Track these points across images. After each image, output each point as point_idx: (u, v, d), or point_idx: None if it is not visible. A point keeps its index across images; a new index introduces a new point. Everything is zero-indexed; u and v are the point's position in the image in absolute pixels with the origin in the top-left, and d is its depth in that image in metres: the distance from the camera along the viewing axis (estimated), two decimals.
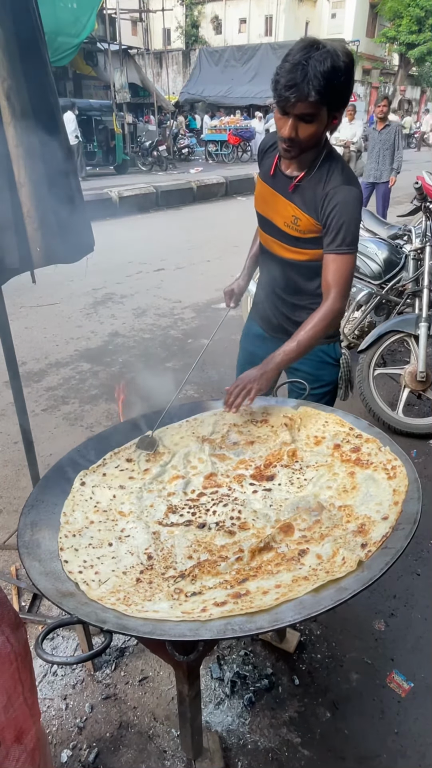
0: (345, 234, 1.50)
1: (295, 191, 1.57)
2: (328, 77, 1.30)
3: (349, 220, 1.50)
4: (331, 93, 1.34)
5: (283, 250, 1.68)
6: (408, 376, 3.00)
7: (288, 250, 1.66)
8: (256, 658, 1.79)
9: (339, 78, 1.33)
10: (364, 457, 1.36)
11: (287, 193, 1.59)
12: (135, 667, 1.77)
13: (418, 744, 1.56)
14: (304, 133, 1.42)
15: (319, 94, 1.31)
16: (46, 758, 1.16)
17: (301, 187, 1.56)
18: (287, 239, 1.64)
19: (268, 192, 1.66)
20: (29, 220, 1.24)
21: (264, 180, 1.68)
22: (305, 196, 1.55)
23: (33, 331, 4.59)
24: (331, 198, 1.50)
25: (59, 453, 1.50)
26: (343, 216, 1.49)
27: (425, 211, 3.13)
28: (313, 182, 1.54)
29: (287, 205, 1.59)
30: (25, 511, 1.24)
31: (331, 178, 1.52)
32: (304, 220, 1.57)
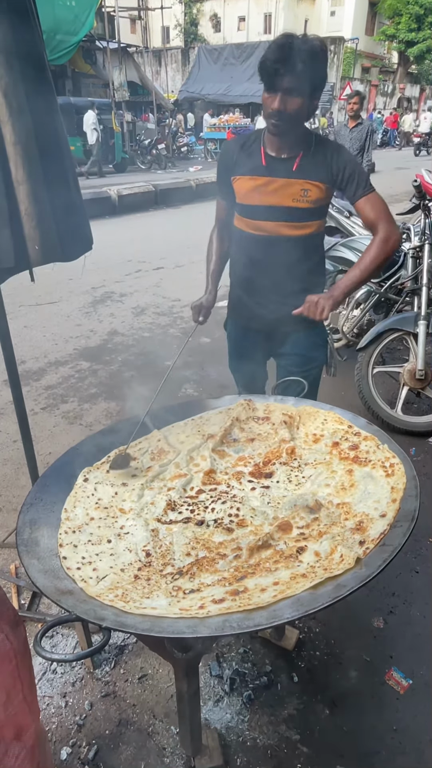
0: (363, 178, 1.71)
1: (299, 168, 1.72)
2: (309, 56, 1.50)
3: (357, 166, 1.73)
4: (312, 71, 1.52)
5: (290, 229, 1.78)
6: (407, 374, 3.00)
7: (295, 226, 1.77)
8: (255, 656, 1.79)
9: (317, 59, 1.53)
10: (362, 455, 1.36)
11: (291, 173, 1.72)
12: (134, 664, 1.77)
13: (417, 741, 1.56)
14: (291, 106, 1.58)
15: (303, 65, 1.49)
16: (45, 755, 1.16)
17: (304, 162, 1.72)
18: (296, 215, 1.75)
19: (264, 182, 1.75)
20: (27, 219, 1.24)
21: (255, 174, 1.77)
22: (313, 168, 1.71)
23: (32, 330, 4.59)
24: (339, 158, 1.71)
25: (58, 452, 1.50)
26: (354, 167, 1.71)
27: (424, 209, 3.12)
28: (313, 157, 1.72)
29: (293, 182, 1.72)
30: (24, 510, 1.25)
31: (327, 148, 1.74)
32: (314, 190, 1.72)
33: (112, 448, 1.53)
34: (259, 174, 1.76)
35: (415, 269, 3.18)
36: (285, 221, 1.77)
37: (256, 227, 1.82)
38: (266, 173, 1.75)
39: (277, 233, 1.80)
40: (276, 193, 1.75)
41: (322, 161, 1.71)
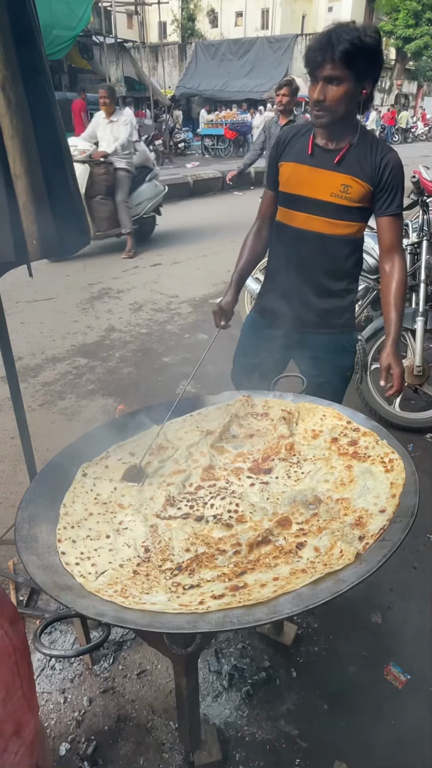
0: (400, 196, 1.66)
1: (343, 162, 1.65)
2: (353, 42, 1.44)
3: (402, 184, 1.66)
4: (356, 58, 1.47)
5: (326, 226, 1.72)
6: (405, 370, 3.00)
7: (332, 224, 1.71)
8: (253, 651, 1.79)
9: (364, 47, 1.46)
10: (361, 451, 1.36)
11: (333, 166, 1.66)
12: (133, 660, 1.77)
13: (415, 735, 1.57)
14: (331, 96, 1.53)
15: (342, 54, 1.45)
16: (44, 751, 1.16)
17: (349, 156, 1.65)
18: (333, 212, 1.69)
19: (306, 171, 1.71)
20: (25, 213, 1.23)
21: (299, 161, 1.73)
22: (357, 164, 1.64)
23: (29, 326, 4.57)
24: (387, 162, 1.63)
25: (56, 448, 1.49)
26: (398, 179, 1.64)
27: (422, 205, 3.12)
28: (361, 151, 1.64)
29: (334, 176, 1.66)
30: (23, 506, 1.24)
31: (380, 146, 1.66)
32: (355, 187, 1.65)
33: (110, 444, 1.53)
34: (302, 161, 1.72)
35: (412, 266, 3.18)
36: (319, 215, 1.71)
37: (290, 217, 1.78)
38: (310, 162, 1.70)
39: (310, 227, 1.74)
40: (316, 184, 1.69)
41: (371, 159, 1.64)
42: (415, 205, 3.25)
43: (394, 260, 1.71)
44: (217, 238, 7.25)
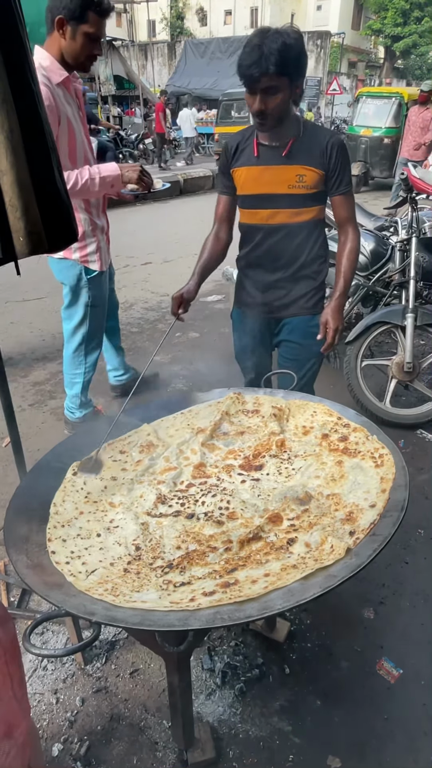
0: (346, 175, 1.79)
1: (291, 154, 1.75)
2: (282, 51, 1.52)
3: (348, 164, 1.79)
4: (287, 65, 1.55)
5: (290, 216, 1.82)
6: (395, 366, 3.02)
7: (295, 213, 1.81)
8: (246, 649, 1.79)
9: (291, 51, 1.55)
10: (351, 446, 1.36)
11: (283, 160, 1.76)
12: (126, 659, 1.76)
13: (407, 729, 1.57)
14: (271, 105, 1.62)
15: (276, 66, 1.52)
16: (36, 752, 1.15)
17: (296, 148, 1.74)
18: (294, 201, 1.79)
19: (258, 171, 1.81)
20: (12, 209, 1.22)
21: (250, 164, 1.82)
22: (306, 153, 1.74)
23: (19, 326, 4.54)
24: (333, 144, 1.74)
25: (46, 448, 1.48)
26: (345, 159, 1.77)
27: (411, 202, 3.13)
28: (306, 140, 1.75)
29: (287, 169, 1.76)
30: (12, 506, 1.23)
31: (322, 132, 1.80)
32: (309, 174, 1.75)
33: (100, 443, 1.52)
34: (253, 164, 1.80)
35: (402, 262, 3.19)
36: (282, 208, 1.81)
37: (255, 217, 1.87)
38: (260, 162, 1.79)
39: (276, 221, 1.84)
40: (271, 181, 1.78)
41: (317, 146, 1.74)
42: (404, 202, 3.27)
43: (348, 232, 1.87)
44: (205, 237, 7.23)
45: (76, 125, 2.19)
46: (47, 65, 2.07)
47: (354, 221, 1.87)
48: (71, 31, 2.04)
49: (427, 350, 3.18)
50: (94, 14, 2.01)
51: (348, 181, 1.80)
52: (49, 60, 2.09)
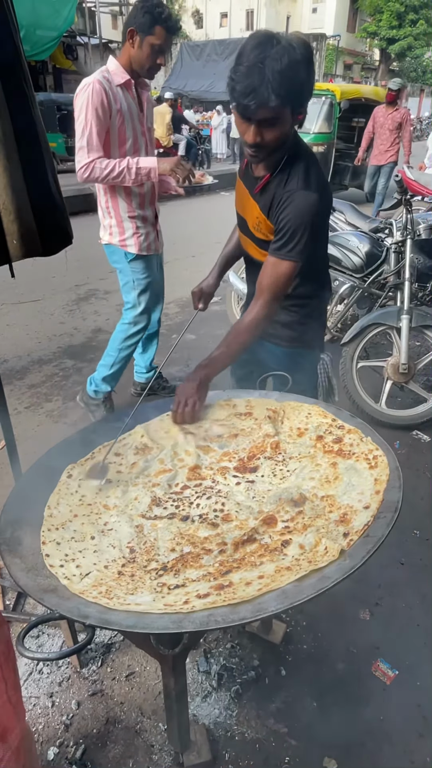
0: (292, 241, 1.45)
1: (261, 193, 1.53)
2: (288, 76, 1.22)
3: (298, 227, 1.44)
4: (293, 91, 1.26)
5: (256, 252, 1.67)
6: (390, 368, 3.03)
7: (259, 252, 1.64)
8: (242, 651, 1.79)
9: (299, 74, 1.25)
10: (346, 448, 1.36)
11: (254, 194, 1.55)
12: (121, 662, 1.76)
13: (403, 730, 1.58)
14: (269, 137, 1.35)
15: (279, 97, 1.23)
16: (31, 756, 1.15)
17: (266, 188, 1.51)
18: (257, 241, 1.62)
19: (242, 190, 1.63)
20: (5, 212, 1.22)
21: (239, 177, 1.66)
22: (266, 198, 1.51)
23: (14, 328, 4.53)
24: (285, 202, 1.44)
25: (42, 451, 1.48)
26: (293, 222, 1.43)
27: (406, 204, 3.15)
28: (275, 183, 1.48)
29: (254, 206, 1.56)
30: (7, 509, 1.23)
31: (290, 180, 1.45)
32: (264, 224, 1.54)
33: (96, 445, 1.52)
34: (241, 179, 1.64)
35: (397, 264, 3.20)
36: (251, 242, 1.65)
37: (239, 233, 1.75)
38: (244, 182, 1.61)
39: (248, 250, 1.70)
40: (246, 209, 1.62)
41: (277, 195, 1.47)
42: (399, 204, 3.28)
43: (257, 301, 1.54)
44: (204, 239, 7.24)
45: (130, 121, 2.45)
46: (112, 69, 2.41)
47: (272, 293, 1.51)
48: (139, 41, 2.32)
49: (422, 351, 3.19)
50: (161, 28, 2.28)
51: (289, 247, 1.46)
52: (115, 65, 2.42)
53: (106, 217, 2.69)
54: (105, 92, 2.32)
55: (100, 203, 2.68)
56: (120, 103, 2.39)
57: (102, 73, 2.37)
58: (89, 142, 2.31)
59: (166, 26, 2.28)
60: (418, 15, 26.96)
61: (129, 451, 1.48)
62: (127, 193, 2.59)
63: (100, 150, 2.34)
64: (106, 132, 2.37)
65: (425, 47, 29.32)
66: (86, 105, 2.30)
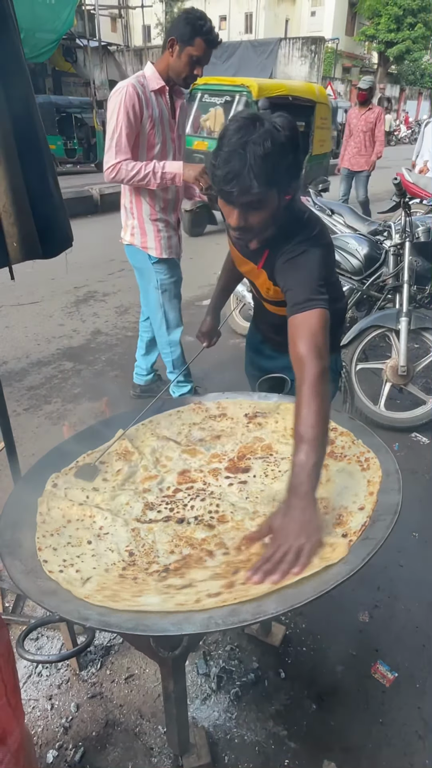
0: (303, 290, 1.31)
1: (265, 267, 1.50)
2: (271, 160, 1.17)
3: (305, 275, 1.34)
4: (277, 175, 1.20)
5: (269, 305, 1.69)
6: (389, 370, 3.03)
7: (273, 306, 1.66)
8: (242, 653, 1.79)
9: (284, 157, 1.20)
10: (337, 450, 1.37)
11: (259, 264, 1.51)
12: (121, 665, 1.76)
13: (403, 733, 1.58)
14: (254, 220, 1.27)
15: (262, 182, 1.17)
16: (30, 759, 1.15)
17: (268, 262, 1.47)
18: (269, 299, 1.64)
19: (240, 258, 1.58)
20: (5, 215, 1.23)
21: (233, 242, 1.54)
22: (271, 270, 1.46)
23: (13, 330, 4.53)
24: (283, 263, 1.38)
25: (41, 453, 1.48)
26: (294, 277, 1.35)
27: (404, 207, 3.16)
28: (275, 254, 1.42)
29: (260, 274, 1.54)
30: (6, 511, 1.23)
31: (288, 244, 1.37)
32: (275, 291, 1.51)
33: (93, 448, 1.52)
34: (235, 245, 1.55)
35: (396, 266, 3.21)
36: (263, 299, 1.69)
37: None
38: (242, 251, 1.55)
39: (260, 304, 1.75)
40: (249, 271, 1.62)
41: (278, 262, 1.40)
42: (398, 207, 3.29)
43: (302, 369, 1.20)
44: (202, 241, 7.26)
45: (160, 126, 2.49)
46: (149, 74, 2.46)
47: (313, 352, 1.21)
48: (179, 50, 2.36)
49: (421, 354, 3.19)
50: (201, 41, 2.32)
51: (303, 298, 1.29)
52: (152, 71, 2.46)
53: (129, 217, 2.73)
54: (138, 97, 2.36)
55: (123, 204, 2.73)
56: (152, 109, 2.44)
57: (138, 77, 2.42)
58: (118, 144, 2.36)
59: (207, 39, 2.33)
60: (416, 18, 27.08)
61: (112, 457, 1.47)
62: (151, 196, 2.62)
63: (128, 152, 2.39)
64: (135, 135, 2.42)
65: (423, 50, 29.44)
66: (118, 108, 2.35)
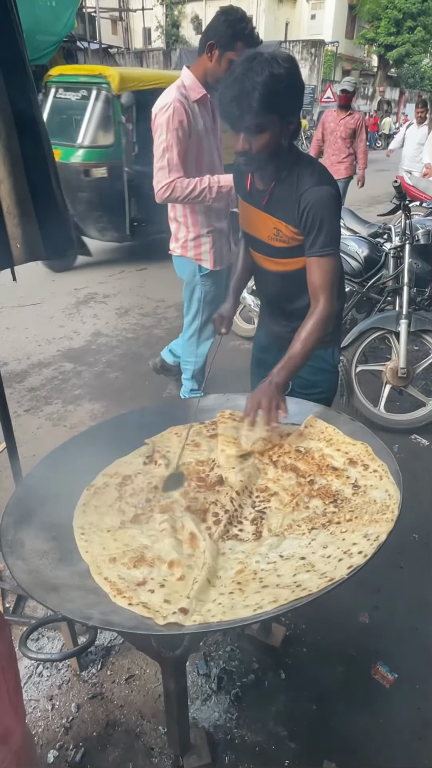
0: (325, 235, 1.50)
1: (269, 203, 1.57)
2: (268, 85, 1.31)
3: (327, 220, 1.50)
4: (275, 100, 1.33)
5: (273, 264, 1.69)
6: (389, 372, 3.04)
7: (277, 263, 1.67)
8: (242, 654, 1.80)
9: (280, 84, 1.33)
10: None
11: (263, 206, 1.59)
12: (121, 665, 1.76)
13: (403, 734, 1.58)
14: (257, 145, 1.42)
15: (259, 104, 1.32)
16: (31, 759, 1.15)
17: (274, 198, 1.56)
18: (274, 252, 1.65)
19: (248, 209, 1.68)
20: (9, 216, 1.23)
21: (243, 198, 1.70)
22: (280, 206, 1.55)
23: (14, 331, 4.54)
24: (305, 201, 1.49)
25: (42, 454, 1.48)
26: (319, 216, 1.49)
27: (404, 209, 3.17)
28: (284, 190, 1.54)
29: (266, 218, 1.60)
30: (8, 511, 1.23)
31: (301, 181, 1.51)
32: (284, 230, 1.57)
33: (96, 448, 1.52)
34: (246, 199, 1.69)
35: (396, 269, 3.22)
36: (267, 255, 1.69)
37: (251, 254, 1.79)
38: (249, 200, 1.66)
39: (261, 264, 1.75)
40: (256, 225, 1.66)
41: (292, 199, 1.51)
42: (397, 209, 3.30)
43: (318, 301, 1.55)
44: None
45: (206, 138, 2.44)
46: (189, 84, 2.34)
47: (329, 290, 1.54)
48: (218, 55, 2.27)
49: (420, 356, 3.20)
50: (242, 45, 2.21)
51: (325, 242, 1.51)
52: (191, 79, 2.35)
53: (182, 230, 2.62)
54: (185, 112, 2.30)
55: (175, 217, 2.62)
56: (198, 122, 2.39)
57: (179, 89, 2.31)
58: (170, 163, 2.29)
59: (248, 43, 2.23)
60: (416, 22, 27.12)
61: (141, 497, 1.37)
62: (207, 207, 2.55)
63: (180, 170, 2.32)
64: (186, 151, 2.36)
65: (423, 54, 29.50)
66: (167, 126, 2.27)
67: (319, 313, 1.54)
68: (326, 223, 1.50)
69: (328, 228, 1.50)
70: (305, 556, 1.09)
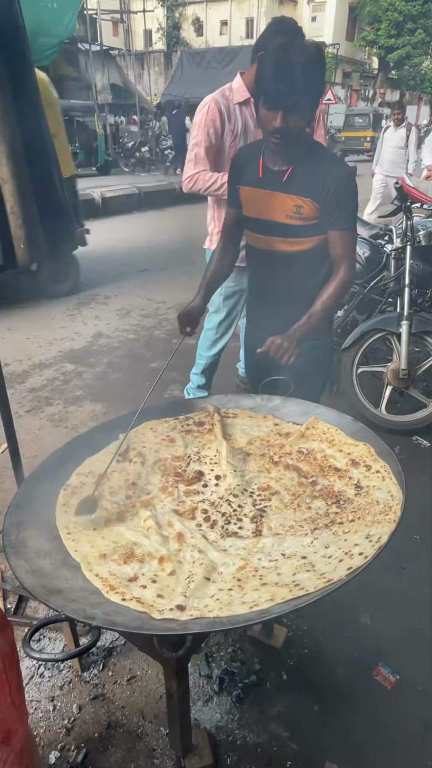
0: (347, 210, 1.66)
1: (290, 182, 1.65)
2: (311, 67, 1.44)
3: (349, 197, 1.65)
4: (314, 81, 1.48)
5: (286, 245, 1.74)
6: (390, 373, 3.04)
7: (292, 242, 1.73)
8: (244, 655, 1.79)
9: (317, 68, 1.49)
10: None
11: (282, 186, 1.66)
12: (123, 666, 1.76)
13: (404, 735, 1.58)
14: (294, 123, 1.53)
15: (305, 81, 1.44)
16: (33, 760, 1.15)
17: (297, 176, 1.65)
18: (290, 231, 1.71)
19: (260, 194, 1.72)
20: (13, 217, 1.24)
21: (254, 185, 1.74)
22: (305, 182, 1.64)
23: (16, 332, 4.55)
24: (331, 177, 1.62)
25: (43, 454, 1.49)
26: (344, 193, 1.64)
27: (405, 211, 3.17)
28: (306, 170, 1.64)
29: (286, 197, 1.67)
30: (10, 512, 1.23)
31: (325, 161, 1.67)
32: (306, 207, 1.66)
33: (95, 450, 1.52)
34: (256, 185, 1.73)
35: (397, 270, 3.22)
36: (282, 237, 1.73)
37: (256, 240, 1.82)
38: (263, 185, 1.71)
39: (273, 248, 1.77)
40: (271, 206, 1.71)
41: (317, 176, 1.63)
42: (399, 211, 3.30)
43: (340, 269, 1.72)
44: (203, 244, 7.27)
45: (243, 138, 2.54)
46: (235, 87, 2.50)
47: (349, 260, 1.71)
48: None
49: (422, 357, 3.20)
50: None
51: (348, 216, 1.67)
52: (239, 83, 2.51)
53: (212, 224, 2.84)
54: (219, 112, 2.45)
55: (209, 212, 2.84)
56: (234, 122, 2.51)
57: (223, 90, 2.48)
58: (197, 156, 2.48)
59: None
60: (416, 24, 27.19)
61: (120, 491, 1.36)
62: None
63: (206, 164, 2.48)
64: (216, 148, 2.51)
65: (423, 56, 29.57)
66: (201, 123, 2.46)
67: (341, 278, 1.70)
68: (350, 199, 1.65)
69: (350, 204, 1.66)
70: (306, 555, 1.09)
